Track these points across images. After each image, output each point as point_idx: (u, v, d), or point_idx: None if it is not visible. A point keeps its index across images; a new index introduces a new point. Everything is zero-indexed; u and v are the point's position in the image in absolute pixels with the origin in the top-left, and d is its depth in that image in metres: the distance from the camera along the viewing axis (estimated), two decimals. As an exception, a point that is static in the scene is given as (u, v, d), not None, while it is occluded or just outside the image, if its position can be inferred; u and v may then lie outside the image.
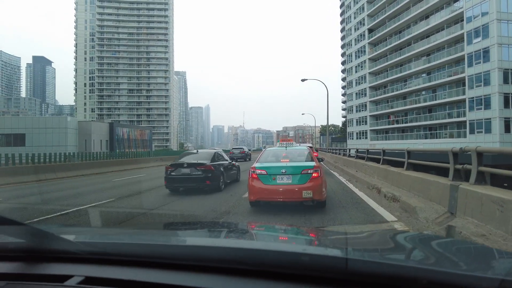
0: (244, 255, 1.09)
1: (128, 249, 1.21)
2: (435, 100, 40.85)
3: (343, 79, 75.99)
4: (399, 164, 8.83)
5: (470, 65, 33.90)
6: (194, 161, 9.43)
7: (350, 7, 62.63)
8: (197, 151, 11.15)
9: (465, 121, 35.29)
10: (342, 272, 0.94)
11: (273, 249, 1.18)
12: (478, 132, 33.23)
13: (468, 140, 34.11)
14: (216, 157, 10.20)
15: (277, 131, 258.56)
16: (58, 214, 6.59)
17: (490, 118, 32.15)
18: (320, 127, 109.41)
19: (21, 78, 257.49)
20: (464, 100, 35.55)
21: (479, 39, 32.51)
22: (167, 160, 29.70)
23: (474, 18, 33.25)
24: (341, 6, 77.27)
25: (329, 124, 37.91)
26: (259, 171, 6.30)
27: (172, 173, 9.23)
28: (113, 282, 1.02)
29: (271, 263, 1.01)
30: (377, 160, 11.33)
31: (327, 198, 6.86)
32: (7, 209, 7.73)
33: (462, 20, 35.17)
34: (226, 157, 11.54)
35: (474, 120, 33.84)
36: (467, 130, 34.76)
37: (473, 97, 33.95)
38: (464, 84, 35.55)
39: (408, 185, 7.02)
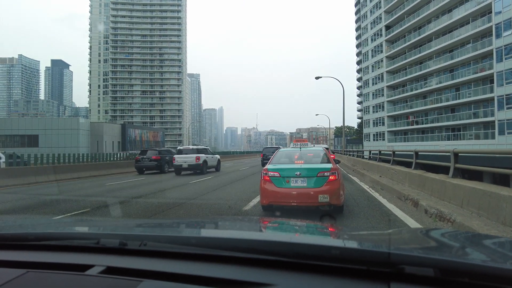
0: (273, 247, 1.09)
1: (149, 239, 1.20)
2: (459, 99, 38.24)
3: (359, 79, 73.62)
4: (439, 169, 7.12)
5: (499, 60, 31.25)
6: None
7: (365, 5, 60.45)
8: None
9: (493, 121, 32.63)
10: (384, 264, 0.92)
11: (312, 243, 1.17)
12: (508, 133, 30.56)
13: (497, 141, 31.52)
14: None
15: (290, 132, 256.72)
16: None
17: (524, 118, 29.50)
18: (335, 128, 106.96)
19: (40, 81, 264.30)
20: (492, 99, 32.89)
21: (510, 31, 29.92)
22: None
23: (504, 9, 30.71)
24: (356, 5, 75.11)
25: (344, 125, 35.96)
26: (271, 173, 5.87)
27: None
28: (135, 272, 1.01)
29: (310, 255, 1.01)
30: (406, 164, 9.58)
31: (349, 215, 5.96)
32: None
33: (490, 13, 32.60)
34: None
35: (504, 120, 31.18)
36: (496, 130, 32.09)
37: (502, 95, 31.31)
38: (492, 81, 32.89)
39: (459, 199, 5.30)
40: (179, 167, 17.40)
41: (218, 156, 20.66)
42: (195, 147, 19.27)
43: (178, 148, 19.70)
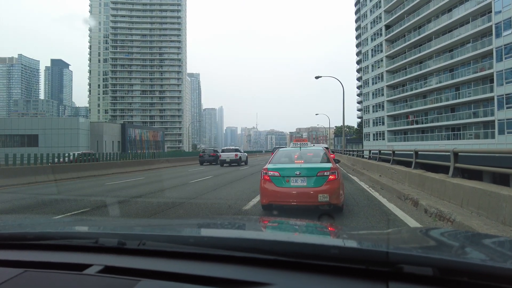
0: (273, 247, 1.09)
1: (148, 239, 1.19)
2: (459, 98, 38.25)
3: (358, 79, 73.66)
4: (439, 169, 7.11)
5: (499, 59, 31.26)
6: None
7: (365, 4, 60.44)
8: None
9: (493, 121, 32.62)
10: (383, 263, 0.91)
11: (311, 242, 1.16)
12: (508, 133, 30.56)
13: (496, 141, 31.51)
14: None
15: (290, 132, 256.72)
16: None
17: (524, 117, 29.47)
18: (335, 128, 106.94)
19: (40, 81, 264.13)
20: (491, 98, 32.88)
21: (510, 31, 29.91)
22: (174, 162, 28.53)
23: (503, 8, 30.70)
24: (356, 4, 75.10)
25: (344, 125, 35.95)
26: (271, 172, 5.88)
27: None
28: (133, 271, 1.01)
29: (309, 255, 1.00)
30: (406, 164, 9.58)
31: (349, 214, 5.96)
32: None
33: (490, 12, 32.60)
34: None
35: (503, 119, 31.16)
36: (496, 130, 32.09)
37: (502, 95, 31.31)
38: (491, 81, 32.90)
39: (459, 198, 5.30)
40: (224, 161, 24.85)
41: (246, 154, 29.07)
42: (233, 147, 27.60)
43: (222, 148, 27.38)
